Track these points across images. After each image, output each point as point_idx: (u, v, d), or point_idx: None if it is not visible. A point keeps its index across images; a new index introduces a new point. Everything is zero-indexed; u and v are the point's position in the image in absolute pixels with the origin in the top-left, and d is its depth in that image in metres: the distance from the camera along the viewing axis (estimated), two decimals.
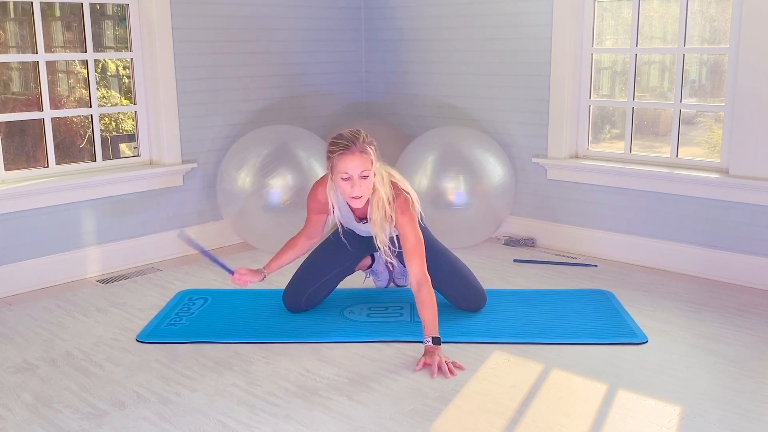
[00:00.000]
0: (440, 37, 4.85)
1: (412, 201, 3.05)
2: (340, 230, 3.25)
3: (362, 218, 3.18)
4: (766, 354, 2.95)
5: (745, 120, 3.73)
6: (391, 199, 3.01)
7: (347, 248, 3.37)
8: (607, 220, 4.29)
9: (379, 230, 3.04)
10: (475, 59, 4.71)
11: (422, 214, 3.20)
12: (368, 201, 3.03)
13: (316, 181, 3.25)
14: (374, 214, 3.02)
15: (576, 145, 4.43)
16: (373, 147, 2.97)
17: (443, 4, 4.79)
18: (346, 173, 2.91)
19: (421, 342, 2.98)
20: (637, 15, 4.12)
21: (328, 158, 2.98)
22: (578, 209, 4.40)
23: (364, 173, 2.91)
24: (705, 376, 2.78)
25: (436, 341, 2.88)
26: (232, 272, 3.22)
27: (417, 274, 2.97)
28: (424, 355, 2.87)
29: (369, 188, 2.96)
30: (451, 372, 2.78)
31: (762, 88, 3.65)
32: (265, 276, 3.27)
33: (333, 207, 3.18)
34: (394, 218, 3.03)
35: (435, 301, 2.95)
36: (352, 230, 3.31)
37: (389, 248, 3.14)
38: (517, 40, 4.49)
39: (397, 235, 3.13)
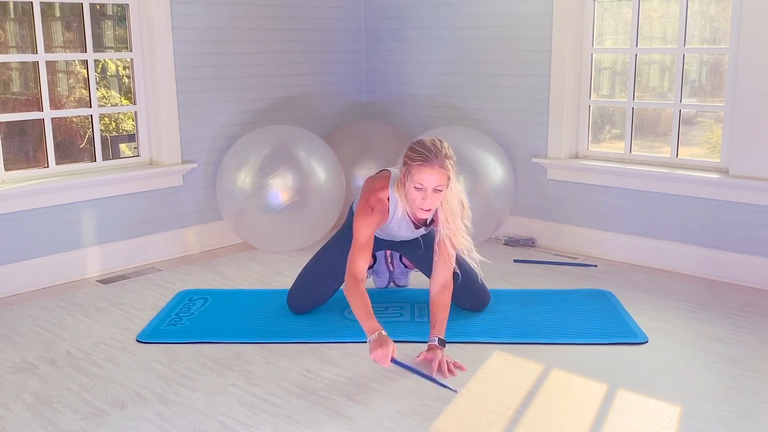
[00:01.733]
0: (440, 37, 4.85)
1: (465, 210, 3.02)
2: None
3: (419, 224, 3.15)
4: (766, 354, 2.95)
5: (745, 120, 3.73)
6: (459, 210, 2.96)
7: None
8: (607, 220, 4.29)
9: (447, 242, 2.95)
10: (475, 59, 4.71)
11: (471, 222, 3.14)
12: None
13: (369, 188, 3.02)
14: (443, 227, 2.95)
15: (576, 145, 4.43)
16: (452, 162, 2.88)
17: (443, 4, 4.79)
18: (421, 184, 2.83)
19: (421, 342, 2.98)
20: (637, 15, 4.12)
21: (405, 164, 2.87)
22: (578, 209, 4.40)
23: (439, 187, 2.85)
24: (705, 376, 2.78)
25: (442, 342, 2.89)
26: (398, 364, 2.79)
27: (445, 277, 2.99)
28: (427, 350, 2.87)
29: (439, 202, 2.90)
30: (450, 371, 2.78)
31: (762, 88, 3.65)
32: (387, 336, 2.81)
33: (392, 211, 3.04)
34: (438, 225, 3.01)
35: (449, 305, 2.98)
36: (382, 236, 3.27)
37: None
38: (517, 40, 4.49)
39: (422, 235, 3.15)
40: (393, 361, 2.73)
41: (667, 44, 4.20)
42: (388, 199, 3.00)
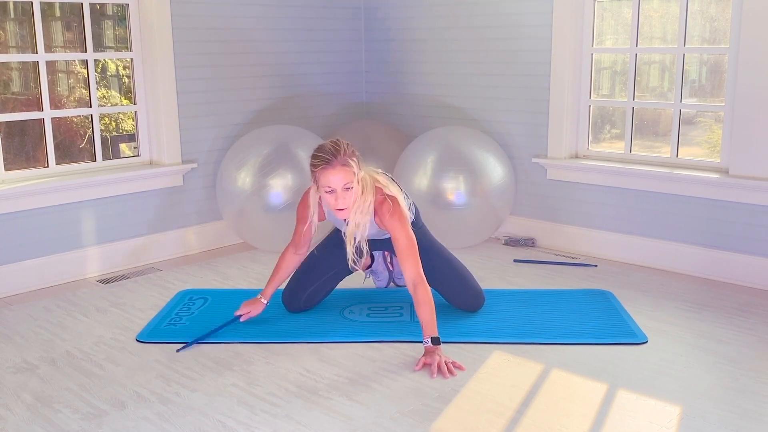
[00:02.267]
0: (440, 37, 4.85)
1: (399, 203, 3.02)
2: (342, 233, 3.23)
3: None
4: (766, 354, 2.95)
5: (745, 120, 3.73)
6: (372, 205, 3.00)
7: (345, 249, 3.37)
8: (607, 220, 4.29)
9: (350, 237, 3.05)
10: (475, 59, 4.71)
11: (417, 213, 3.24)
12: None
13: (307, 190, 3.21)
14: (352, 219, 3.01)
15: (576, 145, 4.43)
16: (355, 158, 2.94)
17: (443, 4, 4.79)
18: (329, 186, 2.92)
19: (421, 342, 2.98)
20: (637, 15, 4.12)
21: (312, 171, 2.99)
22: (578, 209, 4.40)
23: (347, 185, 2.91)
24: (705, 376, 2.78)
25: (436, 341, 2.88)
26: (237, 318, 3.26)
27: (412, 275, 2.95)
28: (424, 355, 2.87)
29: (353, 199, 2.96)
30: (450, 372, 2.78)
31: (762, 88, 3.65)
32: (265, 303, 3.30)
33: (324, 213, 3.18)
34: (383, 222, 3.02)
35: (432, 301, 2.94)
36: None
37: (378, 255, 3.33)
38: (517, 40, 4.49)
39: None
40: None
41: (667, 44, 4.20)
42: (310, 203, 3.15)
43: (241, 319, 3.25)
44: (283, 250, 3.31)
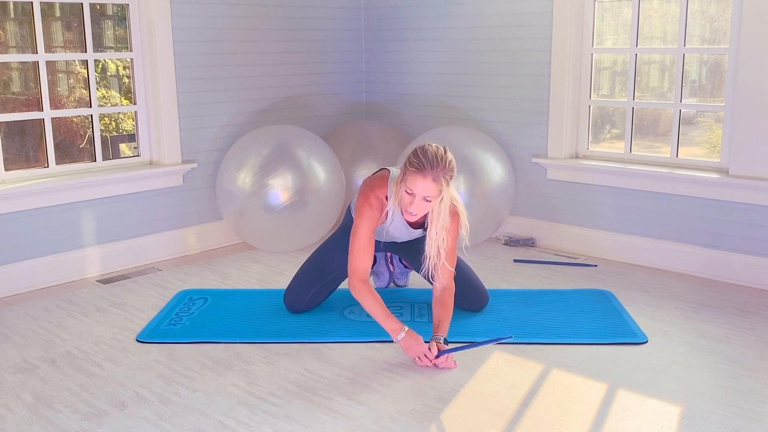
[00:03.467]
0: (440, 37, 4.85)
1: (461, 218, 3.02)
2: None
3: (414, 226, 3.17)
4: (766, 354, 2.95)
5: (745, 120, 3.73)
6: (448, 224, 2.96)
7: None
8: (607, 220, 4.29)
9: (432, 246, 2.99)
10: (475, 59, 4.71)
11: (467, 232, 3.14)
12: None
13: (368, 186, 3.02)
14: (432, 231, 2.97)
15: (576, 145, 4.43)
16: (448, 177, 2.84)
17: (443, 4, 4.79)
18: (412, 190, 2.83)
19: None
20: (637, 15, 4.12)
21: (405, 165, 2.85)
22: (578, 209, 4.40)
23: (428, 198, 2.84)
24: (705, 376, 2.78)
25: (446, 342, 2.92)
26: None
27: (447, 279, 3.03)
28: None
29: (426, 211, 2.91)
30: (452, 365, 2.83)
31: (762, 88, 3.65)
32: (422, 338, 2.94)
33: (388, 213, 3.06)
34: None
35: (452, 308, 3.03)
36: (379, 238, 3.27)
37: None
38: (517, 40, 4.49)
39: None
40: (440, 353, 2.84)
41: (667, 44, 4.20)
42: (387, 197, 3.00)
43: (428, 362, 2.86)
44: (355, 287, 2.98)
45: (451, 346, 2.93)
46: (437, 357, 2.83)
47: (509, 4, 4.50)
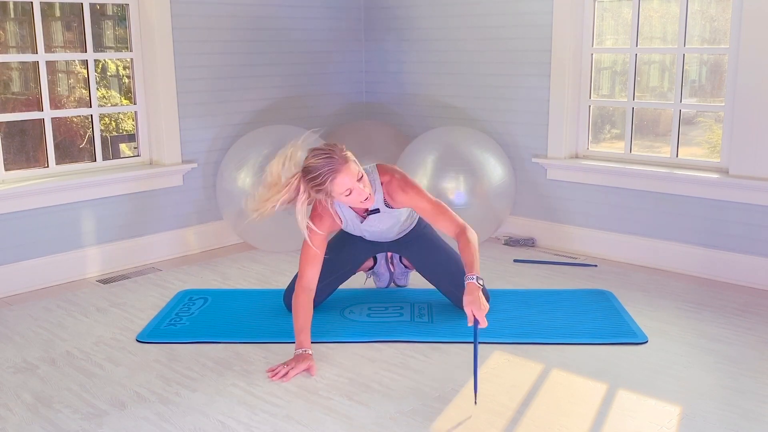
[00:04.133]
0: (440, 37, 4.85)
1: (402, 173, 3.07)
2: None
3: (368, 212, 3.15)
4: (766, 354, 2.95)
5: (745, 120, 3.73)
6: (377, 179, 3.04)
7: (350, 251, 3.38)
8: (607, 220, 4.29)
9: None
10: (475, 59, 4.71)
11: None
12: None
13: (310, 220, 3.01)
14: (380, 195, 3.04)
15: (576, 145, 4.43)
16: (343, 149, 2.88)
17: (443, 4, 4.79)
18: (347, 189, 2.85)
19: (421, 341, 2.98)
20: (637, 15, 4.12)
21: (318, 191, 2.83)
22: (578, 209, 4.40)
23: (359, 176, 2.87)
24: (705, 376, 2.78)
25: (479, 281, 2.76)
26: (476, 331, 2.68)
27: (452, 229, 3.00)
28: (465, 293, 2.71)
29: (368, 187, 2.93)
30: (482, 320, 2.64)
31: (762, 88, 3.65)
32: (311, 354, 2.88)
33: (342, 222, 3.15)
34: (398, 199, 3.04)
35: (476, 244, 2.93)
36: (360, 236, 3.32)
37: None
38: (518, 41, 4.49)
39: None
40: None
41: (667, 44, 4.20)
42: (330, 204, 3.03)
43: (284, 380, 2.76)
44: (293, 297, 2.99)
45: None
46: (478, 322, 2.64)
47: (509, 4, 4.50)
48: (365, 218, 3.15)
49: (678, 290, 3.73)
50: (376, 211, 3.12)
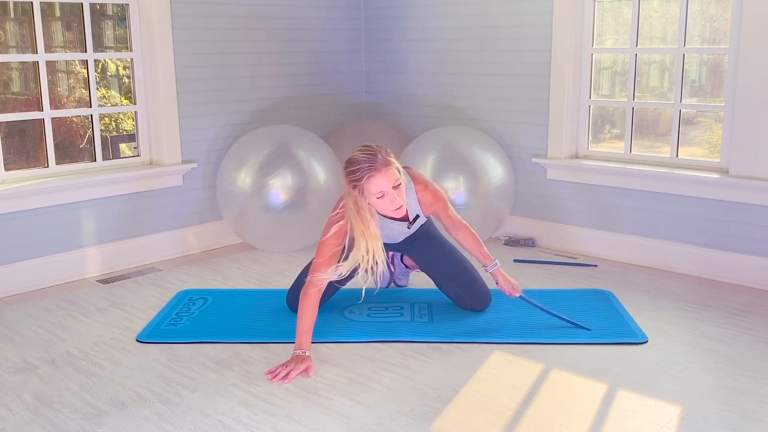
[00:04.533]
0: (440, 37, 4.85)
1: (429, 185, 3.22)
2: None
3: (404, 220, 3.19)
4: (766, 354, 2.95)
5: (745, 120, 3.73)
6: (412, 188, 3.15)
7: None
8: (607, 220, 4.29)
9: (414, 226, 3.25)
10: (475, 59, 4.71)
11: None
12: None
13: (330, 221, 2.97)
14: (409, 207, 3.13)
15: (576, 145, 4.43)
16: (391, 153, 2.91)
17: (443, 4, 4.79)
18: (381, 192, 2.85)
19: (421, 341, 2.99)
20: (637, 15, 4.12)
21: (354, 186, 2.83)
22: (578, 209, 4.40)
23: (396, 183, 2.88)
24: (705, 376, 2.78)
25: (495, 265, 3.22)
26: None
27: (454, 229, 3.26)
28: (502, 281, 3.23)
29: (403, 195, 2.93)
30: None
31: (762, 88, 3.65)
32: (310, 356, 2.87)
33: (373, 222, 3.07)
34: (430, 209, 3.21)
35: (474, 237, 3.25)
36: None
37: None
38: (517, 40, 4.49)
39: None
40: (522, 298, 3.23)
41: (667, 44, 4.20)
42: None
43: (285, 382, 2.75)
44: (304, 292, 2.92)
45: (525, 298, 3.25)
46: (523, 298, 3.22)
47: (509, 4, 4.50)
48: (412, 223, 3.22)
49: (678, 290, 3.73)
50: (417, 217, 3.21)
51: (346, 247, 2.97)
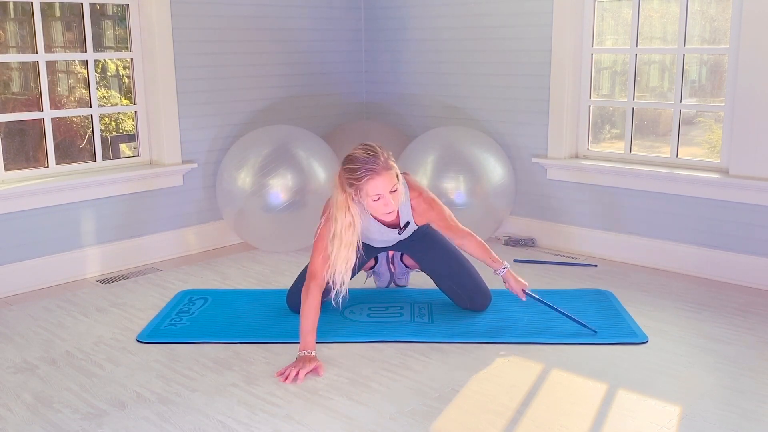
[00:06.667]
0: (440, 37, 4.85)
1: (429, 194, 3.20)
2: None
3: (394, 226, 3.19)
4: (766, 354, 2.95)
5: (745, 120, 3.73)
6: (408, 195, 3.12)
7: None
8: (607, 220, 4.29)
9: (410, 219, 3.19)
10: (475, 59, 4.71)
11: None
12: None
13: (326, 216, 2.99)
14: (402, 213, 3.12)
15: (576, 145, 4.43)
16: (392, 158, 2.92)
17: (443, 4, 4.79)
18: (378, 194, 2.86)
19: (421, 342, 2.98)
20: (637, 15, 4.12)
21: (351, 184, 2.85)
22: (578, 209, 4.40)
23: (394, 187, 2.89)
24: (705, 376, 2.78)
25: (505, 268, 3.19)
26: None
27: (459, 238, 3.22)
28: (513, 283, 3.20)
29: (399, 200, 2.95)
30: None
31: (762, 88, 3.65)
32: (315, 355, 2.86)
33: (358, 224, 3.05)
34: (424, 217, 3.17)
35: (481, 246, 3.23)
36: (367, 244, 3.29)
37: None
38: (517, 40, 4.49)
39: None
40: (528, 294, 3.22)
41: (667, 44, 4.20)
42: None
43: (296, 382, 2.73)
44: (306, 292, 2.91)
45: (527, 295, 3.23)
46: (529, 296, 3.20)
47: (509, 4, 4.50)
48: (403, 229, 3.20)
49: (678, 290, 3.73)
50: (407, 224, 3.19)
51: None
